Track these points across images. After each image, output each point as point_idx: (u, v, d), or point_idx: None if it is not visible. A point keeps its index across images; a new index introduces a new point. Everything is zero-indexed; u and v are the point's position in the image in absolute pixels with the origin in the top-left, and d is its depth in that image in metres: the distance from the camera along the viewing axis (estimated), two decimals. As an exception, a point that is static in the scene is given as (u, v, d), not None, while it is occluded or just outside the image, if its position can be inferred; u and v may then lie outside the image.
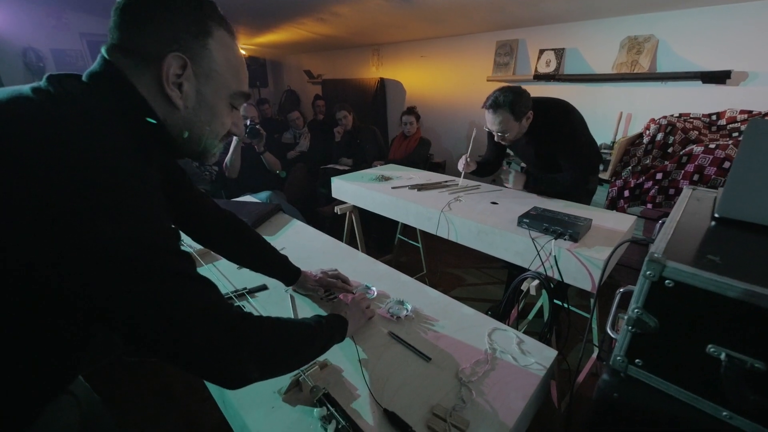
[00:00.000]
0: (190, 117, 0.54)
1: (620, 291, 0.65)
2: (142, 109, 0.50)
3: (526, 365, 0.74)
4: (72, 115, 0.43)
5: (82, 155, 0.40)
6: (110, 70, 0.49)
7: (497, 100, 1.54)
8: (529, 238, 1.32)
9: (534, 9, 2.56)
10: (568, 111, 1.66)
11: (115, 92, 0.49)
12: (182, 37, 0.50)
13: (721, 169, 1.88)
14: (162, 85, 0.50)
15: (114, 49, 0.50)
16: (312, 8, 2.94)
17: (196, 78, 0.52)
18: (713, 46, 2.17)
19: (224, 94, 0.56)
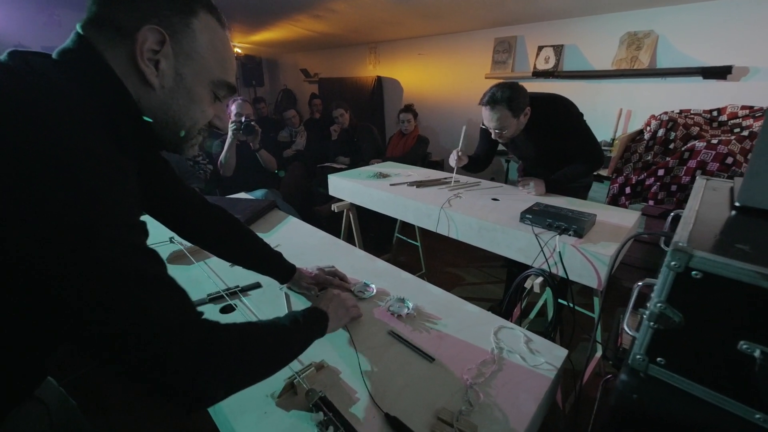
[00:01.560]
0: (166, 99, 0.50)
1: (638, 285, 0.61)
2: (114, 86, 0.46)
3: (535, 365, 0.69)
4: (31, 90, 0.39)
5: (41, 132, 0.36)
6: (82, 44, 0.45)
7: (494, 96, 1.50)
8: (531, 234, 1.28)
9: (532, 5, 2.54)
10: (567, 104, 1.64)
11: (85, 68, 0.45)
12: (163, 12, 0.47)
13: (723, 165, 1.86)
14: (136, 61, 0.46)
15: (88, 24, 0.46)
16: (308, 5, 2.89)
17: (175, 57, 0.49)
18: (714, 41, 2.15)
19: (206, 80, 0.52)
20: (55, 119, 0.38)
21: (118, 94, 0.46)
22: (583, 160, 1.64)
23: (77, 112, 0.41)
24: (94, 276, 0.36)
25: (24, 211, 0.33)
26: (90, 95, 0.44)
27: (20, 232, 0.33)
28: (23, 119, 0.36)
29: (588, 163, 1.64)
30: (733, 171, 1.84)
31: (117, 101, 0.47)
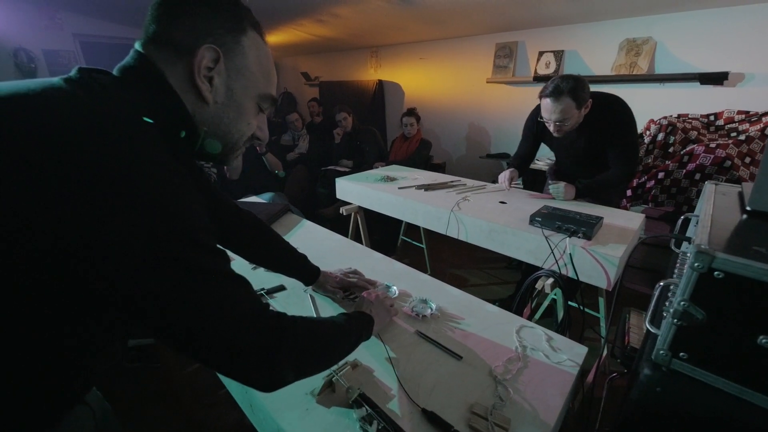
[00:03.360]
0: (218, 113, 0.53)
1: (660, 285, 0.65)
2: (173, 102, 0.49)
3: (558, 362, 0.73)
4: (106, 105, 0.42)
5: (119, 145, 0.38)
6: (143, 62, 0.48)
7: (559, 86, 1.48)
8: (541, 237, 1.32)
9: (533, 11, 2.59)
10: (624, 106, 1.62)
11: (147, 84, 0.48)
12: (217, 31, 0.50)
13: (722, 168, 1.92)
14: (193, 78, 0.49)
15: (148, 42, 0.49)
16: (312, 9, 2.93)
17: (227, 73, 0.52)
18: (711, 48, 2.21)
19: (253, 94, 0.56)
20: (131, 133, 0.41)
21: (177, 109, 0.49)
22: (619, 167, 1.62)
23: (145, 126, 0.44)
24: (177, 277, 0.39)
25: (107, 219, 0.35)
26: (152, 110, 0.47)
27: (112, 239, 0.35)
28: (107, 135, 0.38)
29: (623, 172, 1.62)
30: (731, 174, 1.90)
31: (176, 116, 0.50)
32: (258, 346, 0.45)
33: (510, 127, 3.24)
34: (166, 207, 0.39)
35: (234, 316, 0.43)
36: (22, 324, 0.38)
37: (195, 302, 0.40)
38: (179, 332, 0.41)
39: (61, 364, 0.44)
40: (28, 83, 0.41)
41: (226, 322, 0.42)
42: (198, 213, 0.42)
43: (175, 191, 0.40)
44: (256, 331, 0.45)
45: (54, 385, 0.44)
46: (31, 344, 0.40)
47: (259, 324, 0.46)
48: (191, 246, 0.40)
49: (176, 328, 0.40)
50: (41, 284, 0.36)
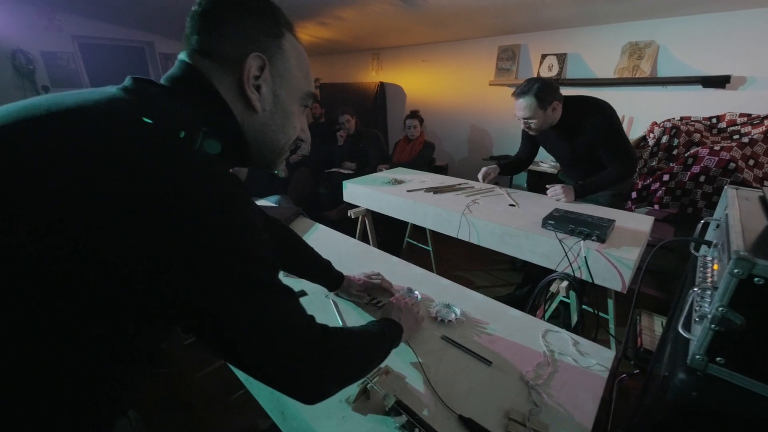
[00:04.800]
0: (266, 120, 0.53)
1: (694, 290, 0.65)
2: (224, 113, 0.49)
3: (588, 366, 0.73)
4: (169, 118, 0.42)
5: (183, 157, 0.39)
6: (193, 73, 0.48)
7: (525, 87, 1.60)
8: (554, 239, 1.32)
9: (537, 14, 2.61)
10: (602, 107, 1.68)
11: (199, 96, 0.48)
12: (260, 38, 0.50)
13: (727, 171, 1.94)
14: (242, 88, 0.49)
15: (195, 54, 0.49)
16: (316, 12, 2.93)
17: (272, 79, 0.52)
18: (713, 51, 2.24)
19: (297, 95, 0.56)
20: (180, 142, 0.40)
21: (228, 120, 0.49)
22: (613, 167, 1.67)
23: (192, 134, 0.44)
24: (237, 289, 0.39)
25: (175, 230, 0.35)
26: (205, 122, 0.47)
27: (176, 248, 0.35)
28: (171, 147, 0.39)
29: (617, 171, 1.66)
30: (736, 176, 1.92)
31: (227, 127, 0.49)
32: (306, 358, 0.45)
33: (512, 129, 3.26)
34: (231, 219, 0.39)
35: (285, 329, 0.43)
36: (79, 336, 0.38)
37: (250, 314, 0.41)
38: (231, 342, 0.41)
39: (113, 374, 0.43)
40: (91, 95, 0.40)
41: (277, 335, 0.43)
42: (258, 226, 0.42)
43: (239, 204, 0.40)
44: (305, 343, 0.45)
45: (105, 397, 0.44)
46: (84, 357, 0.39)
47: (308, 337, 0.46)
48: (252, 259, 0.40)
49: (228, 339, 0.41)
50: (102, 294, 0.36)
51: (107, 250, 0.34)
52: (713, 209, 2.03)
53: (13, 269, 0.32)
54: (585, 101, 1.70)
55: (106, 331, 0.38)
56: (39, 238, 0.32)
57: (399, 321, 0.73)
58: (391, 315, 0.75)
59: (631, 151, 1.69)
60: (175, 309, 0.38)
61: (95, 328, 0.37)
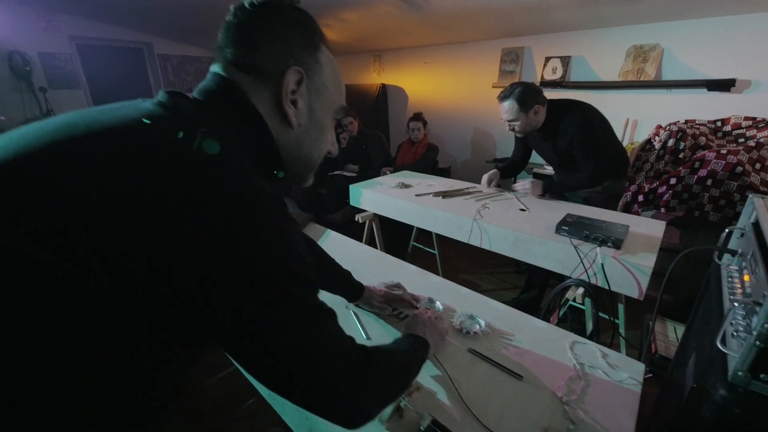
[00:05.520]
0: (301, 135, 0.52)
1: (734, 306, 0.64)
2: (260, 128, 0.47)
3: (620, 381, 0.72)
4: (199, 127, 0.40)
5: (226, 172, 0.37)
6: (229, 87, 0.46)
7: (506, 90, 1.68)
8: (568, 245, 1.32)
9: (541, 17, 2.61)
10: (582, 111, 1.71)
11: (235, 111, 0.46)
12: (298, 52, 0.48)
13: (734, 174, 1.95)
14: (279, 102, 0.48)
15: (230, 67, 0.47)
16: (320, 14, 2.91)
17: (308, 93, 0.50)
18: (718, 55, 2.25)
19: (331, 109, 0.55)
20: (235, 162, 0.39)
21: (264, 135, 0.48)
22: (584, 170, 1.72)
23: (241, 153, 0.42)
24: (280, 310, 0.38)
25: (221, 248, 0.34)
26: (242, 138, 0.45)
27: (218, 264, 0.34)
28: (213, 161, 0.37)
29: (587, 175, 1.71)
30: (743, 180, 1.93)
31: (263, 143, 0.48)
32: (349, 382, 0.44)
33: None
34: (281, 240, 0.38)
35: (328, 352, 0.42)
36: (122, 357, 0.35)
37: (293, 336, 0.39)
38: (270, 365, 0.39)
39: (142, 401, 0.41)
40: (127, 111, 0.39)
41: (320, 359, 0.41)
42: (304, 247, 0.41)
43: (282, 223, 0.39)
44: (347, 367, 0.44)
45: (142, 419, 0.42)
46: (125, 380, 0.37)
47: (350, 360, 0.45)
48: (298, 279, 0.39)
49: (268, 361, 0.39)
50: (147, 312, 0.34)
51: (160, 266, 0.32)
52: (720, 212, 2.04)
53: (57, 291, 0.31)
54: (565, 104, 1.73)
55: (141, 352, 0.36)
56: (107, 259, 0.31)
57: (425, 336, 0.71)
58: (416, 329, 0.73)
59: (605, 157, 1.70)
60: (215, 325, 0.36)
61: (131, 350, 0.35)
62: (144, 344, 0.36)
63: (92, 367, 0.33)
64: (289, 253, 0.39)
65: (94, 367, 0.33)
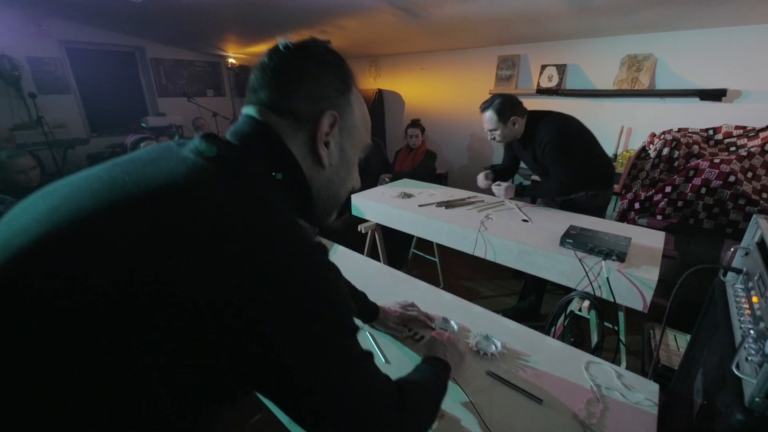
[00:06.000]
0: (331, 176, 0.52)
1: (750, 333, 0.66)
2: (295, 171, 0.48)
3: (637, 402, 0.74)
4: (250, 181, 0.41)
5: (272, 222, 0.38)
6: (264, 131, 0.47)
7: (487, 102, 1.76)
8: (572, 258, 1.34)
9: (538, 27, 2.65)
10: (555, 123, 1.76)
11: (271, 154, 0.46)
12: (331, 95, 0.49)
13: (727, 183, 2.00)
14: (313, 144, 0.49)
15: (265, 110, 0.47)
16: (318, 21, 2.90)
17: (340, 134, 0.51)
18: (709, 65, 2.31)
19: (359, 148, 0.56)
20: (279, 210, 0.40)
21: (299, 178, 0.48)
22: (554, 178, 1.80)
23: (283, 200, 0.43)
24: (326, 358, 0.38)
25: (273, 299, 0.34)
26: (279, 182, 0.45)
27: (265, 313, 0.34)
28: (260, 211, 0.38)
29: (554, 184, 1.80)
30: (735, 188, 1.98)
31: (298, 185, 0.48)
32: (386, 422, 0.45)
33: (512, 137, 3.30)
34: (328, 287, 0.39)
35: (368, 395, 0.43)
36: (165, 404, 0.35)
37: (336, 385, 0.40)
38: (311, 410, 0.40)
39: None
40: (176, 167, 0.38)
41: (361, 402, 0.42)
42: (347, 294, 0.41)
43: (329, 271, 0.39)
44: (386, 408, 0.45)
45: None
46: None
47: (389, 401, 0.46)
48: (342, 330, 0.40)
49: (309, 406, 0.39)
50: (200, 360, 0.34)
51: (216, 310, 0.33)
52: (714, 220, 2.10)
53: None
54: (542, 116, 1.79)
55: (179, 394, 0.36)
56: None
57: (445, 358, 0.72)
58: (437, 352, 0.74)
59: (577, 166, 1.75)
60: (257, 370, 0.36)
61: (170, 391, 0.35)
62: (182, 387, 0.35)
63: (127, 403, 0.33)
64: (338, 304, 0.39)
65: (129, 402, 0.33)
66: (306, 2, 2.45)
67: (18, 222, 0.35)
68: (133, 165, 0.40)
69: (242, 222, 0.36)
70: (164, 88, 4.50)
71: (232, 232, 0.34)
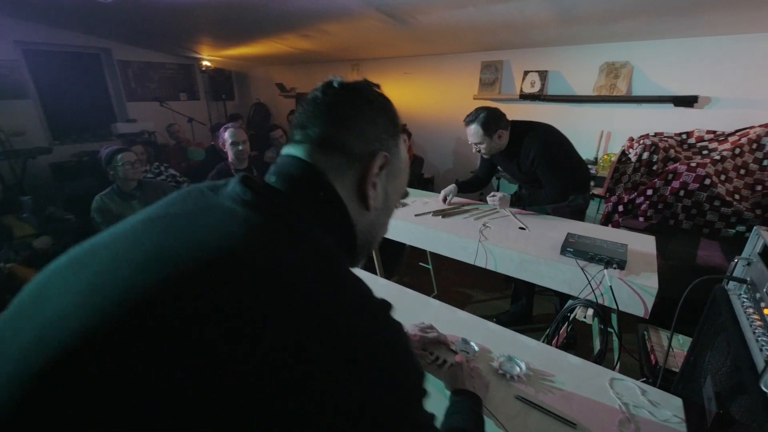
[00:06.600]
0: (374, 219, 0.49)
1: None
2: (343, 216, 0.45)
3: (665, 420, 0.75)
4: (311, 241, 0.37)
5: (345, 290, 0.35)
6: (312, 174, 0.43)
7: (472, 115, 1.78)
8: (574, 267, 1.36)
9: (522, 34, 2.70)
10: (544, 135, 1.83)
11: (319, 198, 0.43)
12: (382, 136, 0.47)
13: (703, 185, 2.11)
14: (361, 185, 0.46)
15: (313, 148, 0.44)
16: (300, 25, 2.83)
17: (386, 177, 0.49)
18: (682, 73, 2.44)
19: (399, 194, 0.53)
20: (341, 266, 0.37)
21: (346, 223, 0.45)
22: (546, 187, 1.86)
23: (339, 251, 0.40)
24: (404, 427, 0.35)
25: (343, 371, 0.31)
26: (328, 230, 0.42)
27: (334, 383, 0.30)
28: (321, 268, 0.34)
29: (548, 192, 1.87)
30: (711, 190, 2.10)
31: (345, 231, 0.45)
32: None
33: (497, 142, 3.35)
34: (402, 361, 0.35)
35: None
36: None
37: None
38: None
39: None
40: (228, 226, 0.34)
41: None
42: (418, 362, 0.38)
43: (401, 339, 0.36)
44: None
45: None
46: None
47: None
48: (418, 401, 0.37)
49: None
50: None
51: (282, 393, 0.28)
52: (692, 221, 2.21)
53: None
54: (526, 127, 1.84)
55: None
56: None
57: (474, 389, 0.70)
58: (465, 384, 0.72)
59: (566, 174, 1.84)
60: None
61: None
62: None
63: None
64: (413, 372, 0.36)
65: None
66: (290, 7, 2.38)
67: (49, 305, 0.29)
68: (174, 224, 0.35)
69: (318, 294, 0.32)
70: (133, 92, 4.26)
71: (311, 308, 0.31)
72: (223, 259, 0.30)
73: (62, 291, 0.30)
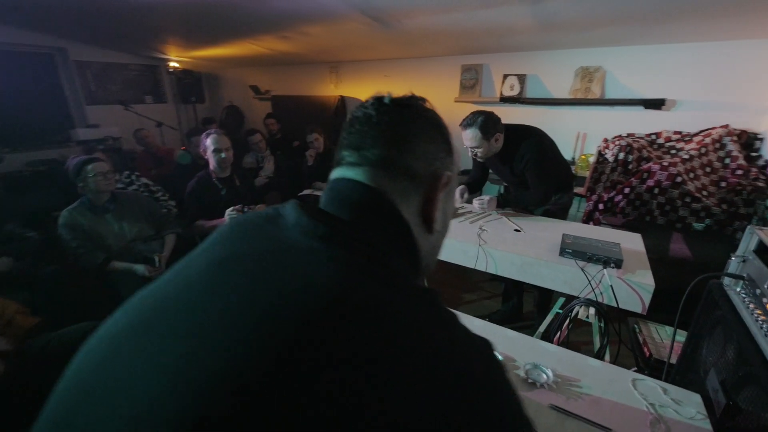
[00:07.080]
0: (436, 242, 0.48)
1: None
2: (410, 241, 0.42)
3: (691, 417, 0.78)
4: (397, 276, 0.35)
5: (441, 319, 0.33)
6: (378, 199, 0.40)
7: (469, 119, 1.79)
8: (574, 267, 1.40)
9: (501, 39, 2.76)
10: (536, 139, 1.89)
11: (385, 225, 0.40)
12: (441, 154, 0.45)
13: (675, 183, 2.25)
14: (425, 209, 0.44)
15: (376, 172, 0.41)
16: (280, 27, 2.74)
17: (445, 198, 0.46)
18: (651, 77, 2.59)
19: (452, 212, 0.51)
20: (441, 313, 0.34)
21: (413, 250, 0.42)
22: (536, 191, 1.92)
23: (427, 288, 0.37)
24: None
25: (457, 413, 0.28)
26: (401, 258, 0.40)
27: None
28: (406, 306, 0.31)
29: (534, 194, 1.93)
30: (682, 188, 2.24)
31: (413, 257, 0.43)
32: None
33: (478, 143, 3.41)
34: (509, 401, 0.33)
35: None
36: None
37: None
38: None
39: None
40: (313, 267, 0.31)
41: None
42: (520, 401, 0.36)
43: (506, 378, 0.34)
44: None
45: None
46: None
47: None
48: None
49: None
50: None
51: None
52: (666, 216, 2.34)
53: None
54: (522, 132, 1.90)
55: None
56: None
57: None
58: None
59: (554, 178, 1.93)
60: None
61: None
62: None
63: None
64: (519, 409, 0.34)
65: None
66: (271, 8, 2.30)
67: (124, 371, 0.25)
68: (251, 270, 0.31)
69: (433, 336, 0.30)
70: (93, 95, 3.96)
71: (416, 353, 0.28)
72: (320, 306, 0.28)
73: (133, 349, 0.26)
